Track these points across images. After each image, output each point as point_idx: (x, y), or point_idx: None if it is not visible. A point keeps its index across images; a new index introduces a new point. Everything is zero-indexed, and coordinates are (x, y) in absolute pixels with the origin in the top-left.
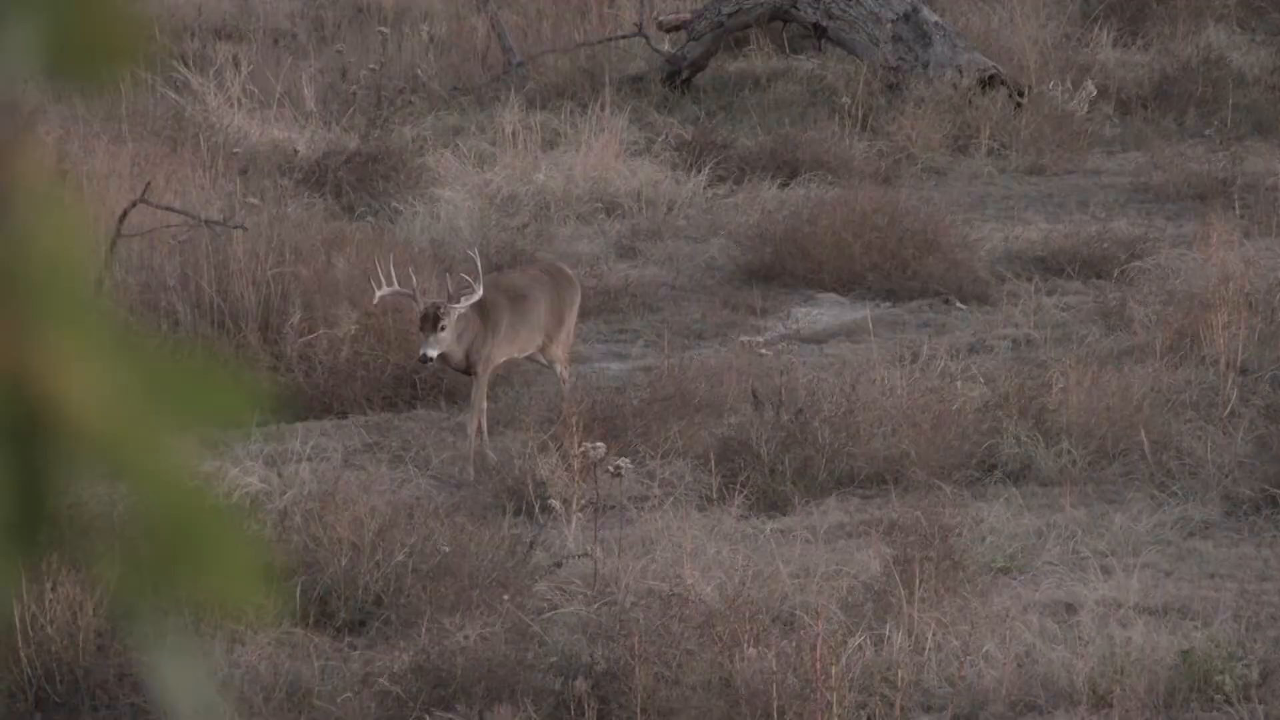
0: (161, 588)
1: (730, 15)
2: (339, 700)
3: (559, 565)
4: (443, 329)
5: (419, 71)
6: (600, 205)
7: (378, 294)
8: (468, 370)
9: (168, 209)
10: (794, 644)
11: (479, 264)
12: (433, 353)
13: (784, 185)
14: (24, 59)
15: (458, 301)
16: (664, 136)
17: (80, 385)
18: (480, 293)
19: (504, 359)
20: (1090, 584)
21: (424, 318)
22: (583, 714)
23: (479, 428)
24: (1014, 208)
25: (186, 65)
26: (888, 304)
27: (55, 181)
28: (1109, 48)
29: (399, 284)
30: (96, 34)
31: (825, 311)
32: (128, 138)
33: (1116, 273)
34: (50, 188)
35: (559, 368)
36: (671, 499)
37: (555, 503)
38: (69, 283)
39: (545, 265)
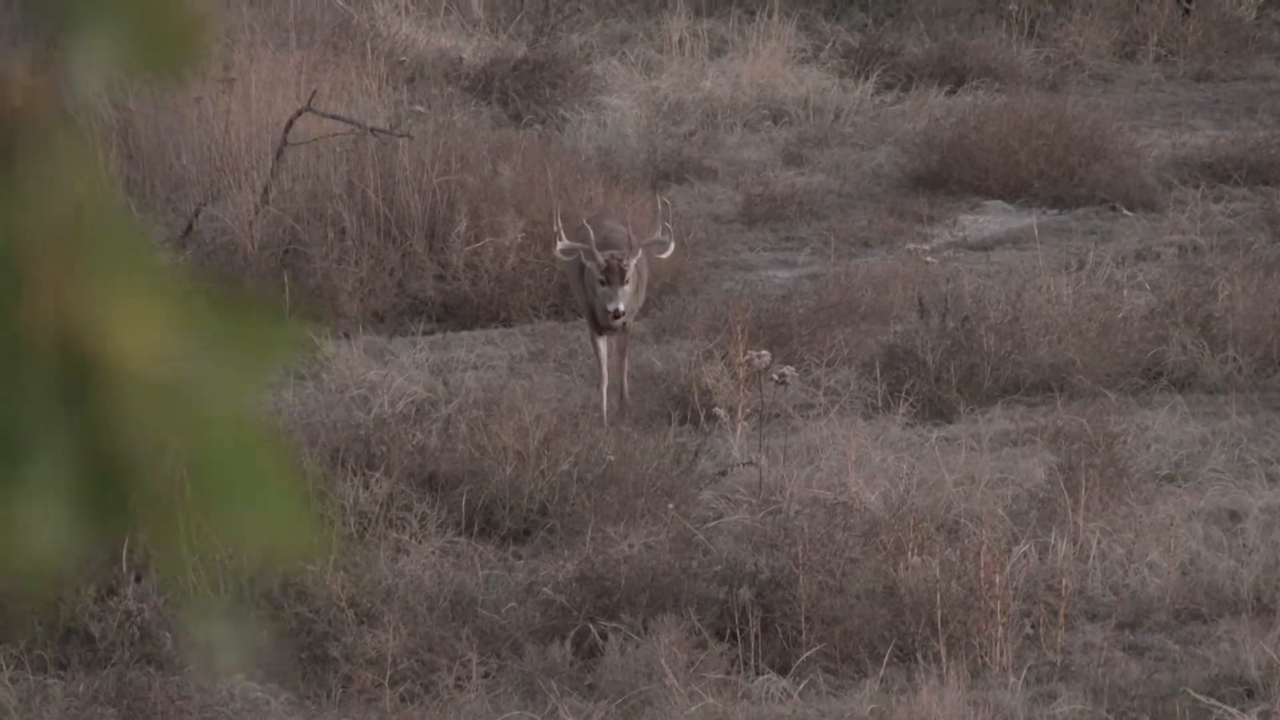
0: (214, 534)
1: None
2: (503, 610)
3: (724, 474)
4: (626, 282)
5: None
6: (767, 113)
7: (559, 246)
8: (624, 324)
9: (334, 117)
10: (958, 552)
11: (670, 213)
12: (621, 306)
13: (951, 92)
14: (100, 62)
15: (634, 255)
16: (831, 44)
17: (129, 336)
18: (672, 247)
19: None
20: (1255, 492)
21: (609, 270)
22: (747, 623)
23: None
24: (1181, 114)
25: None
26: (1054, 211)
27: (74, 133)
28: None
29: (577, 240)
30: (169, 36)
31: (991, 219)
32: (294, 46)
33: None
34: (71, 140)
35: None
36: (836, 407)
37: (720, 411)
38: (109, 232)
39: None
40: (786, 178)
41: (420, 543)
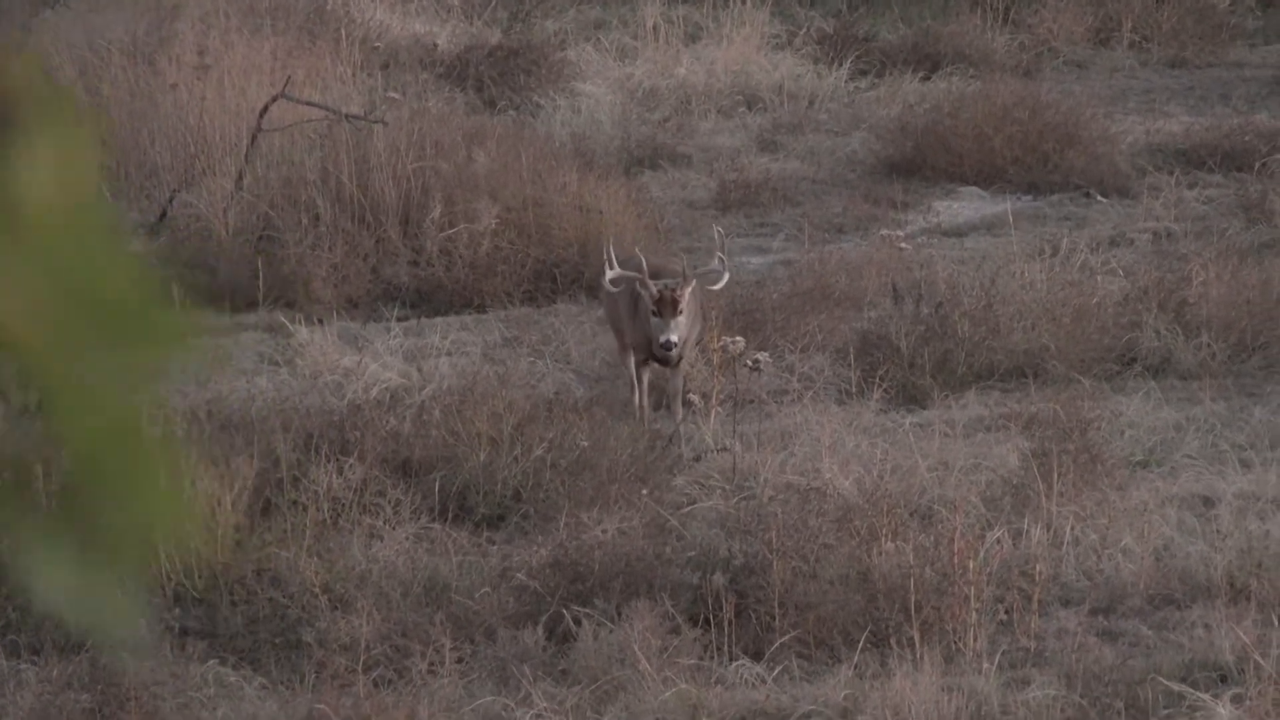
0: (81, 514)
1: None
2: (476, 595)
3: (698, 459)
4: (680, 313)
5: None
6: (741, 99)
7: (609, 275)
8: (680, 358)
9: (308, 104)
10: (932, 538)
11: (724, 241)
12: (675, 338)
13: (925, 79)
14: None
15: (691, 284)
16: (805, 30)
17: (14, 297)
18: (727, 277)
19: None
20: (1229, 477)
21: (662, 302)
22: (720, 609)
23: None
24: (1155, 101)
25: None
26: (1028, 197)
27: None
28: None
29: (627, 268)
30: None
31: (966, 205)
32: (269, 32)
33: (1258, 166)
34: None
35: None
36: (810, 393)
37: (694, 397)
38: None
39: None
40: (761, 164)
41: (394, 528)
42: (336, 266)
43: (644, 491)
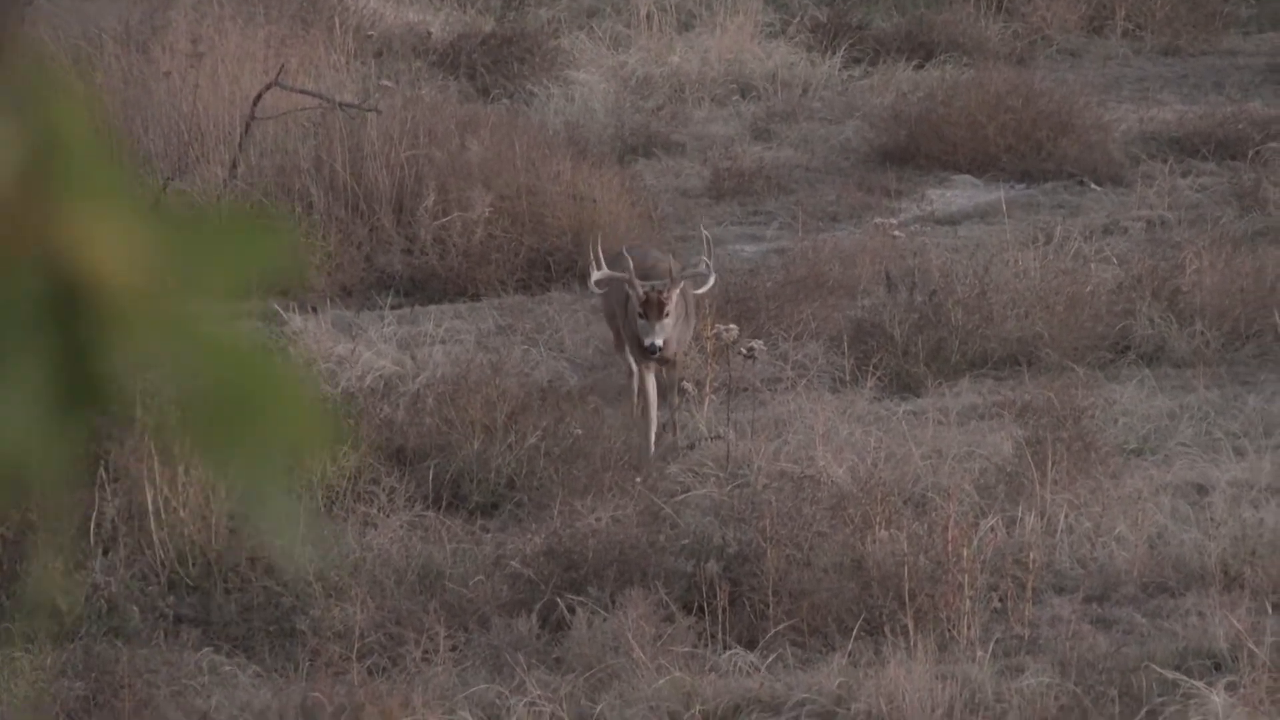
0: (231, 448)
1: None
2: (470, 583)
3: (691, 448)
4: (667, 315)
5: None
6: (735, 87)
7: (594, 276)
8: (670, 359)
9: (302, 91)
10: (926, 526)
11: (710, 245)
12: (659, 340)
13: (919, 67)
14: None
15: (675, 288)
16: (799, 18)
17: (113, 256)
18: (713, 279)
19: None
20: (1222, 465)
21: (648, 304)
22: (714, 596)
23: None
24: (1149, 89)
25: None
26: (1022, 185)
27: (52, 65)
28: None
29: (616, 268)
30: None
31: (959, 193)
32: (262, 20)
33: (1251, 154)
34: (50, 71)
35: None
36: (804, 381)
37: (688, 385)
38: (89, 156)
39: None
40: (754, 152)
41: (388, 516)
42: (330, 255)
43: (638, 479)
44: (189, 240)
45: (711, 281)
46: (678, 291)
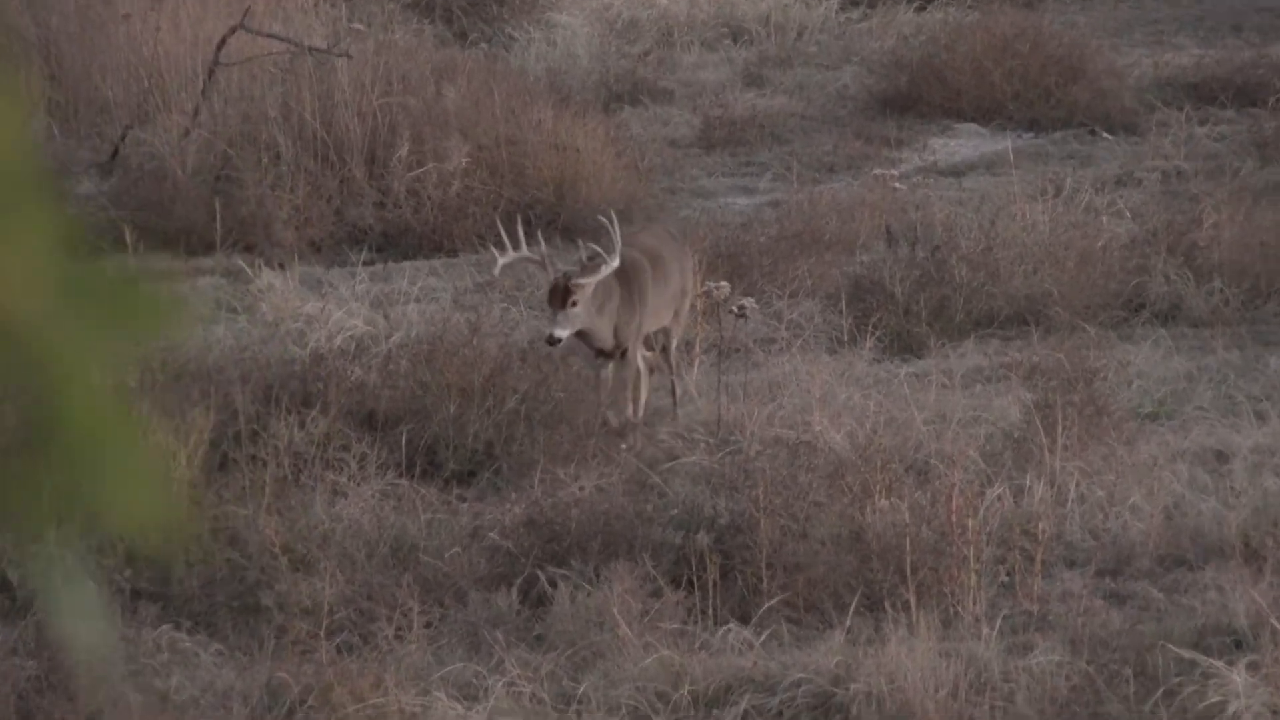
0: (62, 499)
1: None
2: (446, 556)
3: (680, 412)
4: (574, 304)
5: None
6: (726, 31)
7: (500, 261)
8: (611, 351)
9: (269, 35)
10: (929, 495)
11: (616, 230)
12: (562, 332)
13: (920, 9)
14: None
15: (591, 274)
16: None
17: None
18: (616, 264)
19: (649, 331)
20: (1243, 431)
21: (553, 291)
22: (705, 570)
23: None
24: (1163, 32)
25: None
26: (1030, 134)
27: None
28: None
29: (527, 248)
30: None
31: (963, 143)
32: None
33: (1272, 101)
34: None
35: (673, 348)
36: (800, 341)
37: (673, 347)
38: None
39: (664, 227)
40: (746, 100)
41: (359, 485)
42: (298, 208)
43: (623, 446)
44: (89, 286)
45: (614, 264)
46: (591, 281)
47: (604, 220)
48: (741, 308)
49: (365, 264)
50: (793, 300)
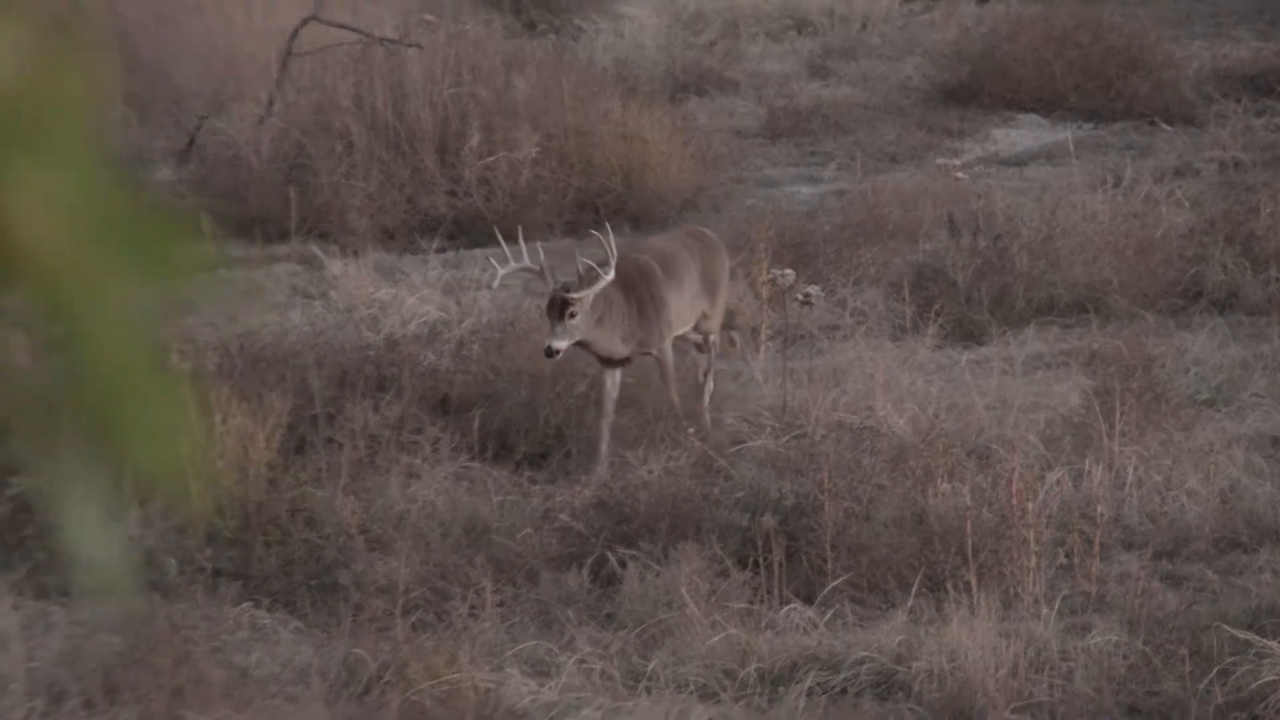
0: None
1: None
2: (518, 536)
3: (748, 397)
4: (572, 316)
5: None
6: (791, 22)
7: (500, 272)
8: (625, 359)
9: (341, 26)
10: (990, 479)
11: (611, 243)
12: (560, 344)
13: (982, 1)
14: None
15: (587, 287)
16: None
17: (43, 223)
18: (611, 275)
19: (678, 334)
20: None
21: (551, 304)
22: (770, 551)
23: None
24: (1222, 25)
25: None
26: (1090, 125)
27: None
28: None
29: (528, 259)
30: None
31: (1025, 133)
32: None
33: None
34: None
35: (711, 346)
36: (863, 328)
37: (736, 335)
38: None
39: (689, 230)
40: (811, 90)
41: (433, 467)
42: (371, 196)
43: (690, 430)
44: (124, 225)
45: (609, 277)
46: (587, 293)
47: (599, 235)
48: (806, 295)
49: (437, 251)
50: (856, 288)
